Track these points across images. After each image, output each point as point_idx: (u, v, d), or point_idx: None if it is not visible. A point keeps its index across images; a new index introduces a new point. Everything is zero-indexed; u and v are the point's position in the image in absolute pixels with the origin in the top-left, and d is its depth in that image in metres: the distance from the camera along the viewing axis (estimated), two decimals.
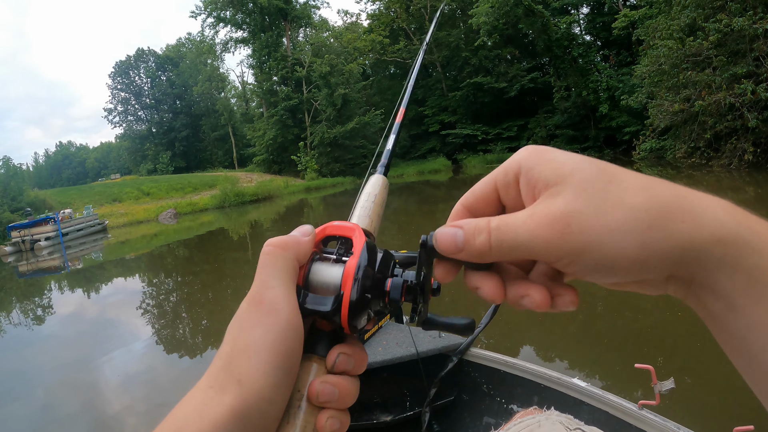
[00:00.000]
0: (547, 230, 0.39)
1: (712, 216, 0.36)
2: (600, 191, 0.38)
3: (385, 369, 2.92)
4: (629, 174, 0.40)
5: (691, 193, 0.38)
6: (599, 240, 0.37)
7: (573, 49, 36.21)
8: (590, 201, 0.38)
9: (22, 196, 36.88)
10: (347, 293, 0.47)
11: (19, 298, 15.71)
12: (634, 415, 2.13)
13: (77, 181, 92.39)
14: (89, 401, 6.62)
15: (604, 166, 0.40)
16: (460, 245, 0.43)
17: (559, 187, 0.40)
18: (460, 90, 46.05)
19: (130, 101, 73.41)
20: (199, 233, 26.26)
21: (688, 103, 19.33)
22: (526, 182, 0.43)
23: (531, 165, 0.42)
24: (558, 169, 0.41)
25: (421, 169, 44.78)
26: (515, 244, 0.41)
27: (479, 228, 0.43)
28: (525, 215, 0.41)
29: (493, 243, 0.42)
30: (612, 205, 0.38)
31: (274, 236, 0.48)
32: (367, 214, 0.60)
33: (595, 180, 0.39)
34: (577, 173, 0.40)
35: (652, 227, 0.36)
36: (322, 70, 46.01)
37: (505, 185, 0.45)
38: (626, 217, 0.37)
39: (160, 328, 9.94)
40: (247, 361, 0.41)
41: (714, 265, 0.36)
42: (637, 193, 0.38)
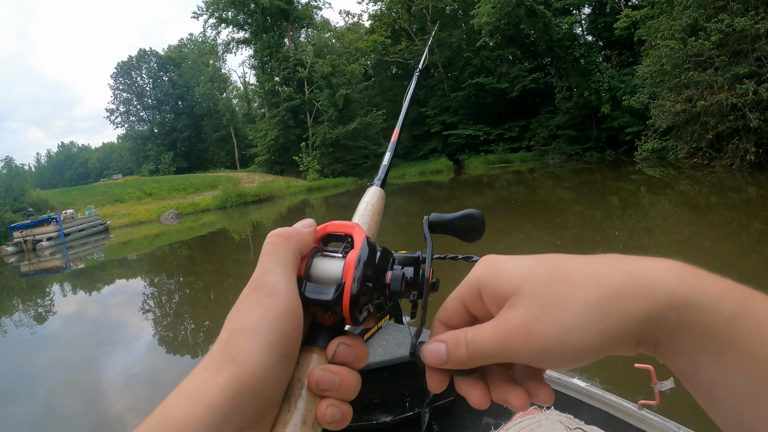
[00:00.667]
0: (511, 340, 0.42)
1: (662, 286, 0.38)
2: (552, 294, 0.42)
3: (384, 369, 2.92)
4: (579, 265, 0.43)
5: (640, 268, 0.40)
6: (559, 339, 0.40)
7: (575, 49, 36.19)
8: (544, 306, 0.41)
9: (24, 197, 36.88)
10: (348, 282, 0.48)
11: (21, 299, 15.73)
12: (634, 415, 2.13)
13: (79, 182, 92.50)
14: (91, 401, 6.62)
15: (553, 265, 0.44)
16: (444, 358, 0.47)
17: (515, 298, 0.43)
18: (462, 90, 46.00)
19: (132, 102, 73.45)
20: (200, 234, 26.26)
21: (690, 103, 19.31)
22: (487, 297, 0.46)
23: (487, 281, 0.46)
24: (511, 281, 0.44)
25: (422, 169, 44.70)
26: (488, 353, 0.44)
27: (458, 341, 0.47)
28: (491, 328, 0.45)
29: (470, 355, 0.46)
30: (564, 304, 0.41)
31: (282, 227, 0.50)
32: (365, 221, 0.63)
33: (545, 284, 0.42)
34: (528, 281, 0.43)
35: (606, 314, 0.39)
36: (324, 71, 45.97)
37: (472, 301, 0.48)
38: (580, 313, 0.40)
39: (161, 328, 9.95)
40: (243, 340, 0.42)
41: (671, 328, 0.38)
42: (587, 287, 0.41)
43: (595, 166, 30.17)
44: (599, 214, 14.93)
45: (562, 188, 23.34)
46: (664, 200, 15.50)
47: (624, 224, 12.76)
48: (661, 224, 12.31)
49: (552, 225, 14.01)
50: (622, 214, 14.19)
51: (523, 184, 27.73)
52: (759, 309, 0.38)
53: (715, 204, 13.86)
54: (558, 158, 36.98)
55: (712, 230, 11.00)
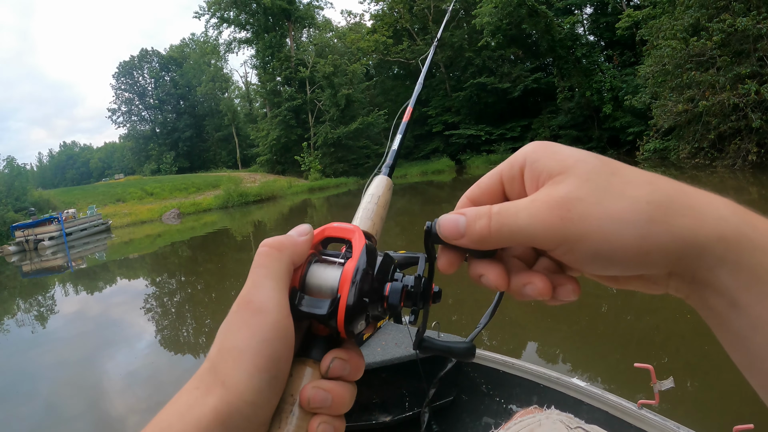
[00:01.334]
0: (547, 215, 0.39)
1: (715, 213, 0.36)
2: (603, 181, 0.39)
3: (384, 369, 2.92)
4: (633, 169, 0.41)
5: (694, 190, 0.38)
6: (599, 227, 0.37)
7: (576, 49, 36.16)
8: (592, 189, 0.39)
9: (26, 196, 36.95)
10: (344, 297, 0.46)
11: (23, 298, 15.75)
12: (633, 414, 2.13)
13: (81, 181, 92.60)
14: (92, 400, 6.63)
15: (607, 160, 0.41)
16: (462, 230, 0.44)
17: (563, 176, 0.40)
18: (464, 90, 46.00)
19: (134, 101, 73.60)
20: (202, 233, 26.28)
21: (692, 103, 19.31)
22: (530, 174, 0.43)
23: (536, 158, 0.43)
24: (562, 161, 0.41)
25: (424, 169, 44.70)
26: (515, 228, 0.41)
27: (480, 213, 0.43)
28: (527, 201, 0.41)
29: (493, 227, 0.42)
30: (614, 194, 0.38)
31: (276, 236, 0.47)
32: (369, 216, 0.59)
33: (598, 171, 0.40)
34: (580, 164, 0.41)
35: (654, 220, 0.36)
36: (326, 71, 46.03)
37: (510, 178, 0.45)
38: (628, 207, 0.37)
39: (163, 328, 9.96)
40: (231, 363, 0.41)
41: (716, 262, 0.36)
42: (640, 186, 0.38)
43: None
44: None
45: None
46: None
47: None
48: None
49: None
50: None
51: None
52: None
53: None
54: None
55: None
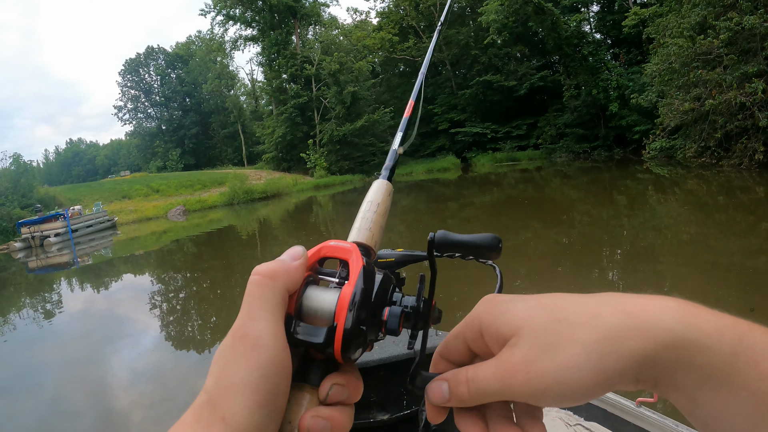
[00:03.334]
0: (512, 380, 0.43)
1: (660, 326, 0.39)
2: (551, 335, 0.42)
3: (381, 368, 2.92)
4: (578, 306, 0.44)
5: (638, 307, 0.41)
6: (558, 379, 0.41)
7: (583, 47, 36.04)
8: (543, 346, 0.42)
9: (32, 193, 37.02)
10: (341, 325, 0.45)
11: (28, 294, 15.82)
12: (631, 412, 2.13)
13: (87, 178, 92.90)
14: (97, 396, 6.67)
15: (553, 306, 0.45)
16: (447, 396, 0.47)
17: (516, 339, 0.44)
18: (470, 88, 45.92)
19: (140, 99, 73.90)
20: (208, 230, 26.34)
21: (699, 102, 19.23)
22: (489, 337, 0.46)
23: (489, 322, 0.47)
24: (511, 322, 0.45)
25: (430, 167, 44.69)
26: (489, 392, 0.45)
27: (459, 380, 0.47)
28: (492, 367, 0.45)
29: (471, 393, 0.46)
30: (563, 345, 0.41)
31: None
32: (368, 226, 0.57)
33: (545, 326, 0.43)
34: (528, 322, 0.44)
35: (604, 354, 0.39)
36: (332, 68, 46.04)
37: (473, 339, 0.48)
38: (578, 353, 0.40)
39: (168, 325, 10.00)
40: (231, 399, 0.41)
41: (670, 367, 0.39)
42: (585, 328, 0.41)
43: (602, 165, 30.11)
44: (606, 213, 14.91)
45: (570, 187, 23.31)
46: (672, 199, 15.44)
47: (631, 223, 12.73)
48: (669, 223, 12.27)
49: (559, 223, 14.00)
50: (630, 213, 14.16)
51: (530, 182, 27.70)
52: (757, 343, 0.38)
53: (723, 204, 13.80)
54: (566, 156, 36.89)
55: (719, 230, 10.97)
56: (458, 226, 15.43)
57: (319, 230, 19.44)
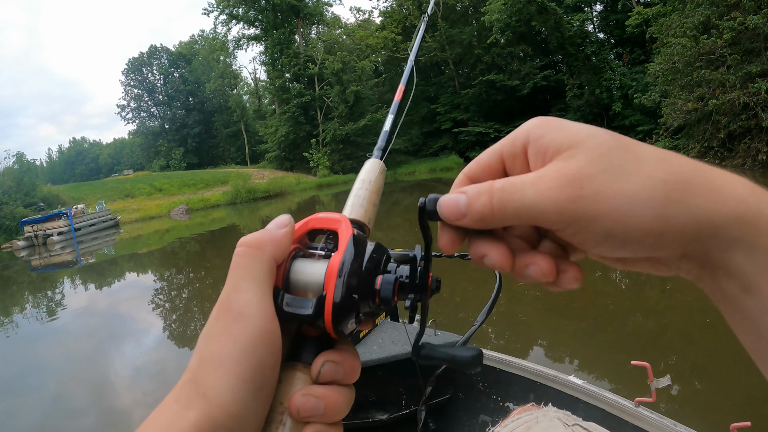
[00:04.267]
0: (558, 192, 0.36)
1: (733, 192, 0.35)
2: (616, 157, 0.36)
3: (380, 367, 2.93)
4: (646, 145, 0.38)
5: (710, 168, 0.36)
6: (614, 207, 0.35)
7: (586, 46, 36.03)
8: (605, 166, 0.36)
9: (36, 192, 37.14)
10: (330, 294, 0.42)
11: (31, 292, 15.86)
12: (630, 412, 2.13)
13: (90, 177, 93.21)
14: (99, 394, 6.68)
15: (619, 136, 0.38)
16: (463, 210, 0.41)
17: (573, 151, 0.37)
18: (473, 87, 45.91)
19: (143, 98, 73.94)
20: (210, 229, 26.37)
21: (702, 102, 19.19)
22: (535, 150, 0.40)
23: (541, 132, 0.41)
24: (572, 135, 0.38)
25: (433, 166, 44.70)
26: (521, 206, 0.38)
27: (481, 190, 0.40)
28: (534, 176, 0.38)
29: (496, 205, 0.39)
30: (628, 172, 0.35)
31: (254, 233, 0.43)
32: (361, 203, 0.55)
33: (610, 146, 0.37)
34: (591, 139, 0.38)
35: (670, 199, 0.34)
36: (335, 67, 46.08)
37: (512, 155, 0.43)
38: (643, 186, 0.35)
39: (171, 323, 10.02)
40: (212, 372, 0.38)
41: (732, 243, 0.34)
42: (655, 163, 0.36)
43: None
44: None
45: None
46: None
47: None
48: None
49: None
50: None
51: None
52: None
53: None
54: None
55: None
56: None
57: None
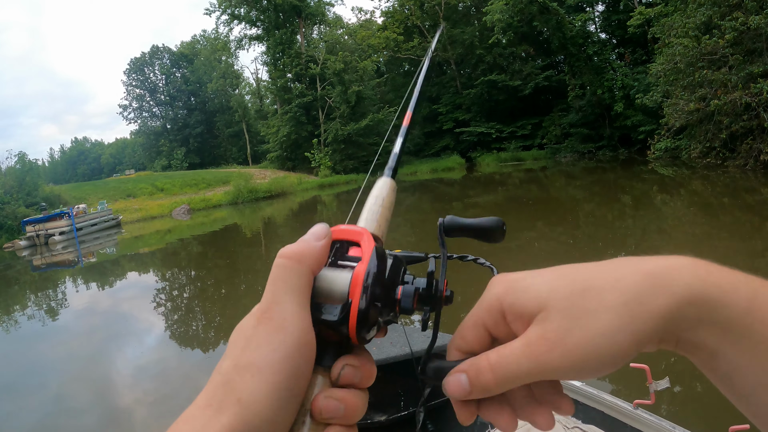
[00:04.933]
0: (548, 355, 0.41)
1: (679, 282, 0.40)
2: (580, 304, 0.41)
3: (379, 369, 2.91)
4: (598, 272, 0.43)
5: (656, 267, 0.41)
6: (597, 347, 0.40)
7: (588, 47, 35.99)
8: (575, 317, 0.41)
9: (38, 191, 37.18)
10: (356, 302, 0.44)
11: (33, 292, 15.88)
12: (629, 414, 2.13)
13: (92, 177, 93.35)
14: (101, 393, 6.69)
15: (573, 276, 0.44)
16: (468, 389, 0.45)
17: (544, 314, 0.42)
18: (474, 88, 45.83)
19: (145, 98, 74.05)
20: (212, 229, 26.39)
21: (704, 102, 19.17)
22: (512, 317, 0.45)
23: (511, 301, 0.45)
24: (536, 297, 0.43)
25: (434, 166, 44.64)
26: (521, 372, 0.42)
27: (480, 368, 0.44)
28: (521, 344, 0.43)
29: (499, 378, 0.43)
30: (594, 312, 0.40)
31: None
32: (375, 218, 0.58)
33: (570, 296, 0.42)
34: (553, 295, 0.43)
35: (634, 316, 0.39)
36: (336, 68, 46.03)
37: (494, 324, 0.46)
38: (611, 318, 0.40)
39: (172, 323, 10.04)
40: (249, 379, 0.39)
41: (691, 324, 0.39)
42: (612, 292, 0.41)
43: (607, 165, 30.04)
44: (611, 213, 14.88)
45: (575, 187, 23.29)
46: (676, 200, 15.43)
47: (636, 224, 12.71)
48: (674, 224, 12.26)
49: (564, 223, 13.99)
50: (635, 214, 14.13)
51: (535, 182, 27.66)
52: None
53: (728, 205, 13.77)
54: (570, 156, 36.79)
55: (724, 231, 10.93)
56: None
57: None
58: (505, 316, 0.45)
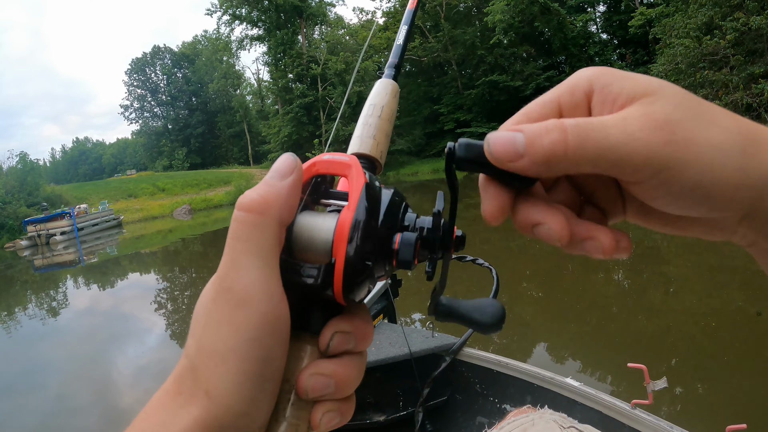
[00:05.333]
0: (649, 134, 0.32)
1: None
2: (696, 107, 0.33)
3: (378, 369, 2.93)
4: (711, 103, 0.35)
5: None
6: (702, 154, 0.32)
7: (589, 47, 36.04)
8: (689, 114, 0.33)
9: (39, 191, 37.24)
10: (340, 261, 0.36)
11: (34, 292, 15.89)
12: (626, 414, 2.13)
13: (93, 177, 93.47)
14: (101, 393, 6.70)
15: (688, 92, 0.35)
16: (521, 149, 0.34)
17: (652, 98, 0.33)
18: (476, 88, 45.82)
19: (146, 98, 74.12)
20: (213, 229, 26.39)
21: None
22: (602, 98, 0.35)
23: (607, 81, 0.35)
24: (645, 84, 0.34)
25: (435, 167, 44.57)
26: (605, 147, 0.32)
27: (549, 127, 0.34)
28: (616, 118, 0.33)
29: (572, 143, 0.33)
30: (710, 121, 0.33)
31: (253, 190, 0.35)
32: (371, 133, 0.49)
33: (688, 96, 0.34)
34: (666, 88, 0.34)
35: (745, 152, 0.32)
36: (337, 68, 46.09)
37: (572, 104, 0.37)
38: (725, 136, 0.32)
39: (173, 323, 10.03)
40: (214, 369, 0.34)
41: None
42: (728, 117, 0.34)
43: None
44: None
45: None
46: None
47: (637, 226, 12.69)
48: None
49: None
50: None
51: None
52: None
53: None
54: None
55: None
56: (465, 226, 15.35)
57: None
58: (590, 99, 0.36)
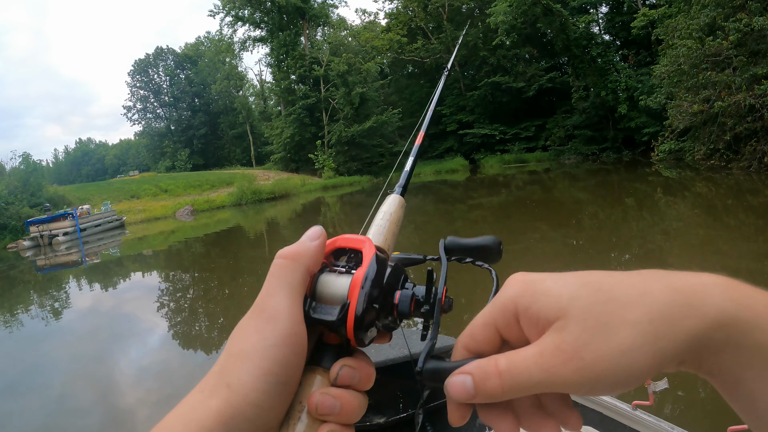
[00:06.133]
0: (562, 368, 0.39)
1: (711, 303, 0.37)
2: (602, 315, 0.39)
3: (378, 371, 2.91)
4: (624, 284, 0.40)
5: (687, 285, 0.39)
6: (615, 364, 0.37)
7: (592, 48, 35.91)
8: (595, 328, 0.38)
9: (41, 192, 37.21)
10: (353, 303, 0.46)
11: (37, 292, 15.91)
12: (627, 415, 2.12)
13: (96, 178, 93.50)
14: (104, 393, 6.70)
15: (598, 285, 0.41)
16: (472, 392, 0.42)
17: (563, 322, 0.40)
18: (478, 89, 45.86)
19: (149, 99, 74.07)
20: (215, 230, 26.42)
21: (708, 104, 19.15)
22: (527, 321, 0.42)
23: (527, 304, 0.42)
24: (555, 304, 0.41)
25: (438, 168, 44.61)
26: (530, 383, 0.40)
27: (488, 372, 0.42)
28: (534, 353, 0.40)
29: (506, 386, 0.41)
30: (617, 327, 0.38)
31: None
32: (382, 231, 0.61)
33: (593, 305, 0.39)
34: (575, 303, 0.40)
35: (658, 336, 0.37)
36: (340, 69, 46.06)
37: (506, 326, 0.44)
38: (633, 335, 0.37)
39: (176, 323, 10.05)
40: (238, 365, 0.41)
41: (719, 348, 0.37)
42: (637, 307, 0.38)
43: (611, 167, 29.98)
44: (615, 216, 14.86)
45: (578, 189, 23.24)
46: (680, 202, 15.39)
47: (640, 226, 12.68)
48: (678, 226, 12.23)
49: (567, 225, 13.96)
50: (638, 216, 14.10)
51: (538, 184, 27.64)
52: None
53: (732, 206, 13.73)
54: (574, 158, 36.72)
55: (728, 233, 10.90)
56: (466, 227, 15.42)
57: (327, 231, 19.32)
58: (518, 319, 0.43)
